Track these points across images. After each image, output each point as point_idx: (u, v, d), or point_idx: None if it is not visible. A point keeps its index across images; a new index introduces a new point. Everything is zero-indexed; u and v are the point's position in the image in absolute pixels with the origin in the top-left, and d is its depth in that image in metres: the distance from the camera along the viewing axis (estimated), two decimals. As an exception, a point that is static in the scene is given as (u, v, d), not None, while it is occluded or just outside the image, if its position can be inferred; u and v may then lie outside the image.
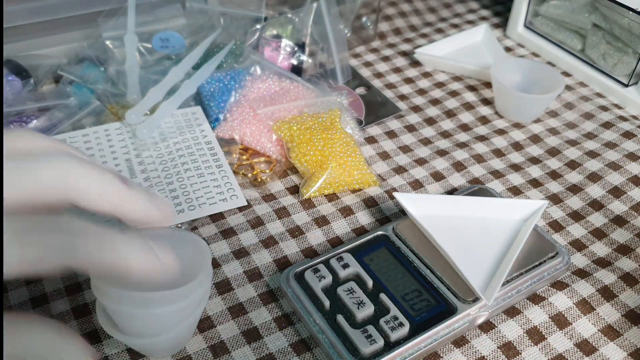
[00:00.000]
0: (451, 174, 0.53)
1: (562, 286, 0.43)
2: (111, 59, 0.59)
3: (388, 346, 0.37)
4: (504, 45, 0.72)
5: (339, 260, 0.42)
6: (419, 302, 0.40)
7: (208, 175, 0.51)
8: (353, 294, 0.39)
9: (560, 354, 0.39)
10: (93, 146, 0.52)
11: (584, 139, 0.58)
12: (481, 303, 0.39)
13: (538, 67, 0.61)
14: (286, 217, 0.48)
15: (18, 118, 0.53)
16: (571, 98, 0.63)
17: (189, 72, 0.57)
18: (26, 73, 0.57)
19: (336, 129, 0.53)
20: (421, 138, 0.58)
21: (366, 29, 0.72)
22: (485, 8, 0.81)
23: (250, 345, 0.39)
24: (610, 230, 0.48)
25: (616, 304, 0.42)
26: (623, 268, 0.44)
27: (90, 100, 0.56)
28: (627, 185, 0.51)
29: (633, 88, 0.62)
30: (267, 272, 0.44)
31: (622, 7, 0.59)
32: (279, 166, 0.53)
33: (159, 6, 0.64)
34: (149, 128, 0.52)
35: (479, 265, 0.42)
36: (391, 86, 0.65)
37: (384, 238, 0.44)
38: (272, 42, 0.62)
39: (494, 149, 0.57)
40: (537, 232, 0.44)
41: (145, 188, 0.37)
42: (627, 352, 0.39)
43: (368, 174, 0.51)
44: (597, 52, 0.64)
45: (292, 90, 0.57)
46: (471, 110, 0.62)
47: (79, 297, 0.42)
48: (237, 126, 0.54)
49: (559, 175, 0.53)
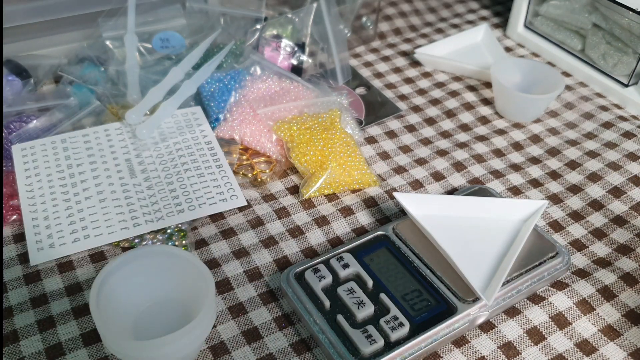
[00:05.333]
0: (451, 174, 0.53)
1: (562, 286, 0.43)
2: (111, 59, 0.59)
3: (388, 346, 0.37)
4: (504, 45, 0.72)
5: (339, 260, 0.42)
6: (419, 302, 0.40)
7: (208, 175, 0.51)
8: (353, 294, 0.39)
9: (560, 354, 0.39)
10: (93, 146, 0.52)
11: (584, 139, 0.58)
12: (481, 303, 0.39)
13: (538, 67, 0.61)
14: (286, 217, 0.48)
15: (18, 118, 0.53)
16: (571, 98, 0.63)
17: (189, 72, 0.57)
18: (26, 73, 0.57)
19: (336, 129, 0.53)
20: (421, 138, 0.58)
21: (366, 29, 0.72)
22: (485, 8, 0.81)
23: (250, 345, 0.39)
24: (610, 230, 0.48)
25: (616, 304, 0.42)
26: (623, 268, 0.44)
27: (90, 100, 0.56)
28: (627, 185, 0.51)
29: (633, 88, 0.62)
30: (267, 272, 0.44)
31: (622, 7, 0.59)
32: (279, 166, 0.53)
33: (159, 6, 0.64)
34: (149, 128, 0.52)
35: (479, 265, 0.42)
36: (391, 86, 0.65)
37: (384, 238, 0.44)
38: (272, 42, 0.62)
39: (494, 149, 0.57)
40: (537, 232, 0.44)
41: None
42: (627, 352, 0.39)
43: (368, 174, 0.51)
44: (597, 52, 0.64)
45: (292, 90, 0.57)
46: (471, 110, 0.62)
47: (79, 297, 0.42)
48: (237, 126, 0.54)
49: (559, 175, 0.53)
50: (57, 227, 0.46)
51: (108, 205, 0.47)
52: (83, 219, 0.46)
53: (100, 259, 0.45)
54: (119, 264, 0.37)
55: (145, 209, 0.47)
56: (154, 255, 0.38)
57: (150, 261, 0.38)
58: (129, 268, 0.37)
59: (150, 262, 0.38)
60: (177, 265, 0.38)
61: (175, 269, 0.38)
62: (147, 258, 0.38)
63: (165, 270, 0.38)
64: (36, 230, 0.45)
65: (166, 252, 0.38)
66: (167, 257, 0.38)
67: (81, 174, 0.50)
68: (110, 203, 0.47)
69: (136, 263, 0.37)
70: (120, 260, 0.37)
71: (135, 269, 0.38)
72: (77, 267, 0.44)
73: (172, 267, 0.38)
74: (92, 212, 0.47)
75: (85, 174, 0.50)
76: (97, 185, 0.49)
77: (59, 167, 0.50)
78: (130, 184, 0.49)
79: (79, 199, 0.48)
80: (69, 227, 0.46)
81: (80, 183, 0.49)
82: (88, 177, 0.49)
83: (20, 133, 0.52)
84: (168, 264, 0.38)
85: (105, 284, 0.36)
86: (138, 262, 0.38)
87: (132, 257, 0.37)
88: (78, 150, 0.52)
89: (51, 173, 0.49)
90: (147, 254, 0.38)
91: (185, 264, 0.37)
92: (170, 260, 0.38)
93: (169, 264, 0.38)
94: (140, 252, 0.38)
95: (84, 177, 0.49)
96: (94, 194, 0.48)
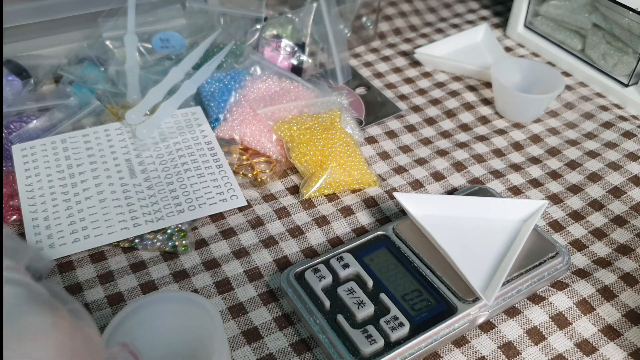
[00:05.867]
0: (451, 174, 0.53)
1: (562, 286, 0.43)
2: (111, 59, 0.59)
3: (388, 346, 0.37)
4: (504, 45, 0.72)
5: (339, 260, 0.42)
6: (419, 302, 0.40)
7: (208, 175, 0.51)
8: (353, 294, 0.39)
9: (561, 354, 0.39)
10: (93, 146, 0.52)
11: (584, 139, 0.58)
12: (481, 303, 0.39)
13: (538, 67, 0.61)
14: (286, 217, 0.48)
15: (18, 118, 0.53)
16: (571, 98, 0.63)
17: (189, 72, 0.57)
18: (26, 73, 0.57)
19: (336, 129, 0.53)
20: (421, 138, 0.58)
21: (366, 29, 0.72)
22: (485, 8, 0.81)
23: (250, 345, 0.39)
24: (610, 230, 0.48)
25: (616, 304, 0.42)
26: (623, 268, 0.44)
27: (90, 100, 0.56)
28: (627, 185, 0.51)
29: (633, 88, 0.62)
30: (267, 272, 0.44)
31: (622, 7, 0.59)
32: (279, 166, 0.53)
33: (159, 6, 0.64)
34: (149, 128, 0.52)
35: (479, 265, 0.42)
36: (391, 86, 0.65)
37: (384, 238, 0.44)
38: (272, 42, 0.62)
39: (494, 149, 0.57)
40: (537, 232, 0.44)
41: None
42: (627, 352, 0.39)
43: (368, 174, 0.51)
44: (597, 52, 0.64)
45: (292, 90, 0.57)
46: (471, 110, 0.62)
47: (79, 298, 0.42)
48: (237, 126, 0.54)
49: (559, 175, 0.53)
50: (57, 227, 0.46)
51: (108, 206, 0.47)
52: (83, 219, 0.46)
53: (100, 259, 0.45)
54: (133, 310, 0.34)
55: (145, 209, 0.47)
56: (171, 302, 0.36)
57: (167, 308, 0.36)
58: (144, 314, 0.35)
59: (168, 309, 0.36)
60: (192, 313, 0.35)
61: (191, 317, 0.35)
62: (164, 304, 0.35)
63: (181, 318, 0.36)
64: (36, 231, 0.45)
65: (184, 299, 0.35)
66: (184, 304, 0.35)
67: (81, 174, 0.50)
68: (110, 203, 0.47)
69: (152, 308, 0.35)
70: (135, 306, 0.34)
71: (152, 314, 0.35)
72: (77, 267, 0.44)
73: (188, 315, 0.35)
74: (92, 212, 0.47)
75: (85, 174, 0.50)
76: (97, 185, 0.49)
77: (59, 167, 0.50)
78: (130, 184, 0.49)
79: (79, 199, 0.48)
80: (69, 227, 0.46)
81: (80, 183, 0.49)
82: (88, 177, 0.49)
83: (20, 133, 0.52)
84: (185, 311, 0.35)
85: (119, 329, 0.34)
86: (154, 307, 0.35)
87: (149, 302, 0.35)
88: (78, 150, 0.52)
89: (51, 173, 0.49)
90: (163, 300, 0.35)
91: (200, 312, 0.35)
92: (187, 308, 0.35)
93: (186, 312, 0.35)
94: (156, 298, 0.35)
95: (84, 177, 0.49)
96: (94, 194, 0.48)
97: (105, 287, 0.43)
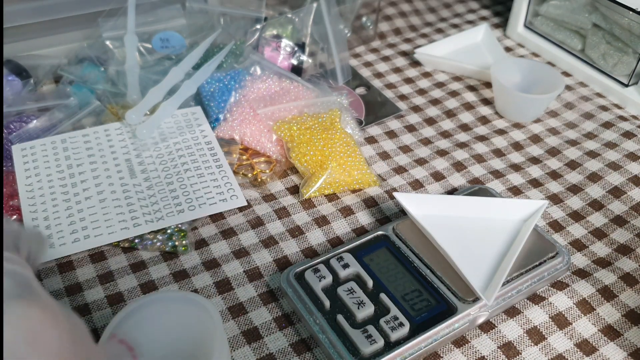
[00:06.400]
0: (451, 174, 0.53)
1: (562, 286, 0.43)
2: (111, 59, 0.59)
3: (388, 346, 0.37)
4: (504, 45, 0.72)
5: (339, 260, 0.42)
6: (419, 302, 0.40)
7: (208, 175, 0.51)
8: (353, 294, 0.39)
9: (560, 354, 0.39)
10: (93, 146, 0.52)
11: (584, 139, 0.58)
12: (481, 303, 0.39)
13: (538, 67, 0.61)
14: (286, 217, 0.48)
15: (18, 118, 0.53)
16: (571, 98, 0.63)
17: (189, 72, 0.57)
18: (26, 73, 0.57)
19: (336, 129, 0.53)
20: (421, 138, 0.58)
21: (366, 29, 0.72)
22: (485, 8, 0.81)
23: (250, 345, 0.39)
24: (610, 230, 0.48)
25: (616, 304, 0.42)
26: (623, 268, 0.44)
27: (90, 100, 0.56)
28: (627, 185, 0.51)
29: (633, 88, 0.62)
30: (267, 272, 0.44)
31: (622, 7, 0.59)
32: (279, 166, 0.53)
33: (159, 6, 0.64)
34: (149, 128, 0.52)
35: (479, 265, 0.42)
36: (391, 86, 0.65)
37: (384, 238, 0.44)
38: (272, 42, 0.62)
39: (494, 149, 0.57)
40: (537, 232, 0.44)
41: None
42: (627, 352, 0.39)
43: (368, 174, 0.51)
44: (597, 52, 0.64)
45: (292, 90, 0.57)
46: (471, 110, 0.62)
47: (79, 298, 0.42)
48: (237, 126, 0.54)
49: (559, 175, 0.53)
50: (57, 227, 0.46)
51: (108, 206, 0.47)
52: (83, 219, 0.46)
53: (100, 259, 0.45)
54: (133, 310, 0.34)
55: (145, 209, 0.47)
56: (171, 302, 0.35)
57: (167, 307, 0.35)
58: (144, 314, 0.35)
59: (167, 309, 0.35)
60: (192, 313, 0.35)
61: (190, 317, 0.35)
62: (164, 304, 0.35)
63: (181, 318, 0.35)
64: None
65: (184, 299, 0.35)
66: (184, 304, 0.35)
67: (81, 174, 0.50)
68: (110, 203, 0.47)
69: (152, 308, 0.35)
70: (135, 306, 0.34)
71: (152, 314, 0.35)
72: (77, 267, 0.44)
73: (188, 315, 0.35)
74: (92, 212, 0.47)
75: (85, 174, 0.50)
76: (97, 185, 0.49)
77: (59, 167, 0.50)
78: (130, 184, 0.49)
79: (79, 199, 0.48)
80: (69, 227, 0.46)
81: (80, 183, 0.49)
82: (88, 177, 0.49)
83: (20, 133, 0.52)
84: (185, 311, 0.35)
85: (118, 329, 0.33)
86: (154, 307, 0.35)
87: (150, 302, 0.35)
88: (78, 150, 0.52)
89: (51, 173, 0.49)
90: (163, 299, 0.35)
91: (200, 312, 0.35)
92: (187, 308, 0.35)
93: (185, 312, 0.35)
94: (157, 298, 0.35)
95: (84, 177, 0.49)
96: (94, 194, 0.48)
97: (105, 287, 0.43)
